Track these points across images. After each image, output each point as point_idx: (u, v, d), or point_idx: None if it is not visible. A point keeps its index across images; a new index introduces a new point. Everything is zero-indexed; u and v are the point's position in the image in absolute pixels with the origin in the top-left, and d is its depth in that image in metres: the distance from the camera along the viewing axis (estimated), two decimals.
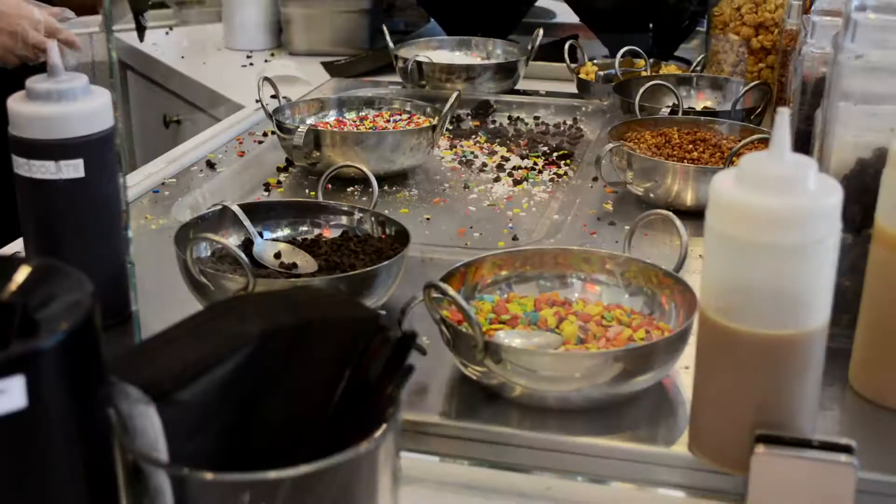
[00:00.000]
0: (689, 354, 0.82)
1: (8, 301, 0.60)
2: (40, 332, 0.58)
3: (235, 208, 1.08)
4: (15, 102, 0.96)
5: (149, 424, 0.61)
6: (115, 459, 0.62)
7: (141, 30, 1.61)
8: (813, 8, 1.17)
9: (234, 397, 0.65)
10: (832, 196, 0.70)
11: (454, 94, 1.41)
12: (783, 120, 0.70)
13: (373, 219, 1.10)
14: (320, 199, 1.15)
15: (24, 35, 1.50)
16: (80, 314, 0.59)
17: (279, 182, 1.41)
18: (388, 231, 1.09)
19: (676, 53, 2.09)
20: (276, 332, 0.66)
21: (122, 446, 0.61)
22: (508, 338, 0.90)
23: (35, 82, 0.96)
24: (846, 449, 0.72)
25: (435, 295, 0.87)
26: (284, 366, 0.66)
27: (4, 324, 0.60)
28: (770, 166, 0.70)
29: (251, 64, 2.17)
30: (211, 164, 1.45)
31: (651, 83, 1.50)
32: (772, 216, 0.69)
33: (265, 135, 1.57)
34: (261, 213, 1.12)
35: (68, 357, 0.58)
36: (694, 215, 1.02)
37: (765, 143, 0.95)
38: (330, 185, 1.36)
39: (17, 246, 1.13)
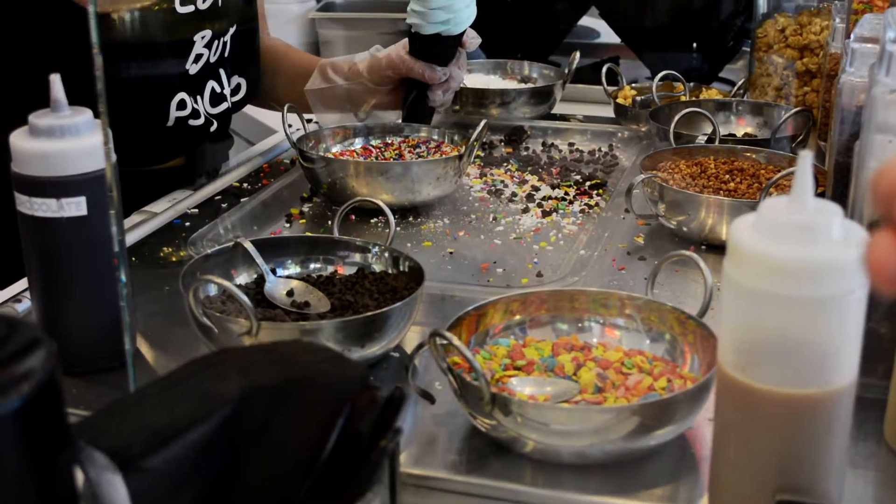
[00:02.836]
0: (714, 404, 0.77)
1: None
2: None
3: (248, 245, 1.05)
4: (17, 138, 0.94)
5: (115, 494, 0.57)
6: None
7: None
8: (853, 34, 1.11)
9: (211, 461, 0.61)
10: (858, 246, 0.65)
11: (482, 123, 1.36)
12: (805, 164, 0.65)
13: (387, 255, 1.06)
14: (336, 234, 1.11)
15: None
16: (41, 376, 0.56)
17: (302, 213, 1.37)
18: (403, 268, 1.05)
19: (721, 74, 2.04)
20: (257, 391, 0.62)
21: None
22: (521, 386, 0.86)
23: (38, 117, 0.93)
24: None
25: (441, 342, 0.83)
26: (266, 427, 0.62)
27: None
28: (791, 213, 0.65)
29: None
30: (235, 194, 1.42)
31: (686, 111, 1.44)
32: (792, 267, 0.64)
33: (292, 163, 1.54)
34: (275, 249, 1.08)
35: (27, 422, 0.55)
36: None
37: None
38: (353, 217, 1.33)
39: (23, 284, 1.10)
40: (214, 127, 1.44)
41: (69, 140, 0.93)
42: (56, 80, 0.93)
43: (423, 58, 1.46)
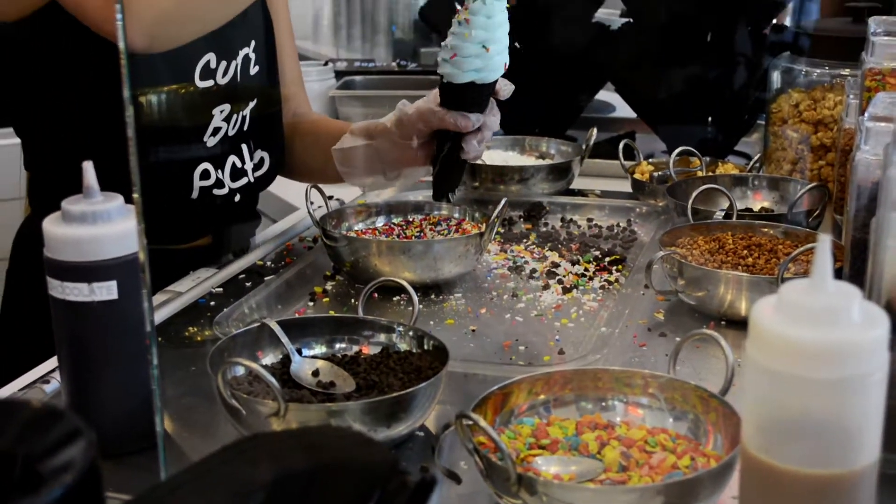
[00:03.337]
0: (738, 483, 0.78)
1: (8, 451, 0.58)
2: (41, 487, 0.56)
3: (274, 325, 1.07)
4: (50, 224, 0.96)
5: None
6: None
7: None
8: (867, 113, 1.13)
9: None
10: (878, 328, 0.66)
11: (502, 202, 1.39)
12: (824, 248, 0.67)
13: (411, 334, 1.08)
14: (361, 313, 1.13)
15: None
16: (82, 465, 0.57)
17: (325, 291, 1.39)
18: (427, 347, 1.06)
19: (736, 147, 2.06)
20: (289, 477, 0.63)
21: None
22: (546, 465, 0.87)
23: (70, 203, 0.95)
24: None
25: (468, 423, 0.84)
26: None
27: (4, 475, 0.58)
28: (811, 296, 0.66)
29: None
30: (258, 273, 1.44)
31: (703, 187, 1.46)
32: (813, 350, 0.65)
33: (314, 241, 1.56)
34: (300, 329, 1.10)
35: None
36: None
37: None
38: (376, 295, 1.34)
39: (52, 363, 1.11)
40: (238, 198, 1.46)
41: (101, 226, 0.94)
42: (88, 167, 0.96)
43: (455, 108, 1.38)
